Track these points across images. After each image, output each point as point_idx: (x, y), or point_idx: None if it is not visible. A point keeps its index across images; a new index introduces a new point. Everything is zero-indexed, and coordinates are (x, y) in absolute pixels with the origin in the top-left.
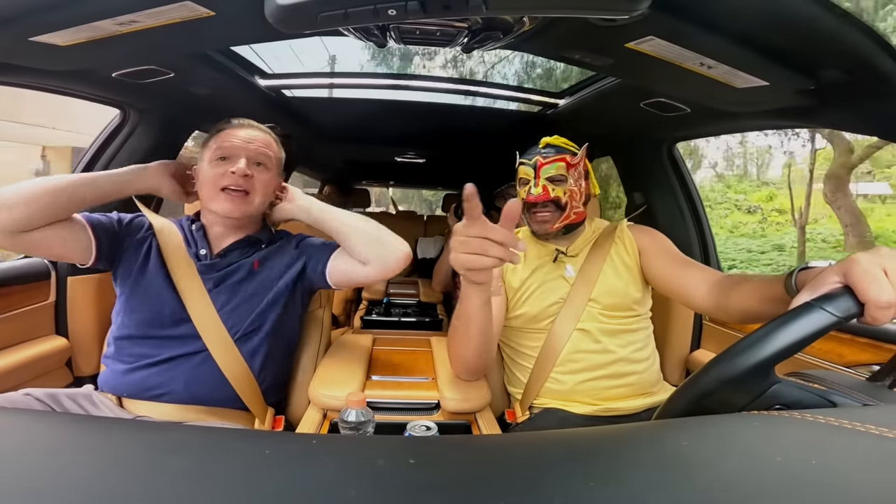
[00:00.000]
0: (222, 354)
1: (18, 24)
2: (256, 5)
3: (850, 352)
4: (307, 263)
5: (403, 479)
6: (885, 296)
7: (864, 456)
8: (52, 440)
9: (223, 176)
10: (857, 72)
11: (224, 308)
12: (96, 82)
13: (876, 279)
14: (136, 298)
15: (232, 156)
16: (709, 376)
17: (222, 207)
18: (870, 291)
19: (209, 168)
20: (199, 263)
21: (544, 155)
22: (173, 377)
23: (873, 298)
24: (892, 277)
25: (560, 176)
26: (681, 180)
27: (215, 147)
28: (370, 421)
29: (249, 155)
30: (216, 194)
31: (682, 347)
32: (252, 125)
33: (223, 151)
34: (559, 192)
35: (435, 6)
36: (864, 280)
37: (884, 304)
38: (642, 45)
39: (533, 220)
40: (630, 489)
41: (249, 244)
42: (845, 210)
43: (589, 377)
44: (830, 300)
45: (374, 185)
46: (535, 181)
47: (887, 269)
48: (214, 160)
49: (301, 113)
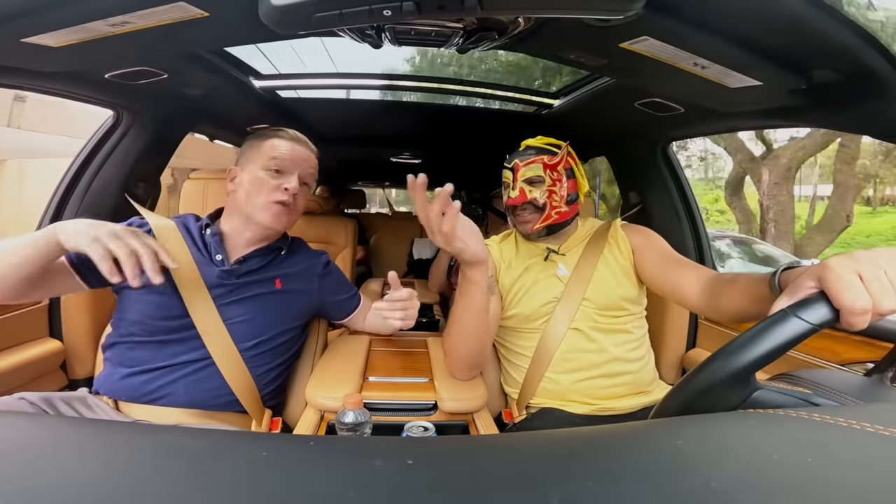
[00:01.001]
0: (227, 363)
1: (10, 25)
2: (250, 6)
3: (846, 349)
4: (329, 306)
5: (401, 479)
6: (860, 302)
7: (860, 454)
8: (47, 443)
9: (276, 190)
10: (850, 71)
11: (236, 318)
12: (89, 83)
13: (850, 285)
14: (136, 303)
15: (287, 171)
16: (687, 388)
17: (269, 220)
18: (844, 298)
19: (264, 176)
20: (218, 269)
21: (522, 158)
22: (174, 382)
23: (847, 305)
24: (868, 283)
25: (537, 177)
26: (675, 180)
27: (271, 157)
28: (367, 422)
29: (301, 173)
30: (267, 205)
31: (678, 346)
32: (305, 142)
33: (279, 164)
34: (536, 194)
35: (430, 6)
36: (837, 286)
37: (858, 311)
38: (636, 46)
39: (516, 222)
40: (626, 488)
41: (269, 251)
42: (739, 210)
43: (584, 376)
44: (805, 307)
45: (370, 186)
46: (514, 184)
47: (862, 274)
48: (269, 170)
49: (295, 114)
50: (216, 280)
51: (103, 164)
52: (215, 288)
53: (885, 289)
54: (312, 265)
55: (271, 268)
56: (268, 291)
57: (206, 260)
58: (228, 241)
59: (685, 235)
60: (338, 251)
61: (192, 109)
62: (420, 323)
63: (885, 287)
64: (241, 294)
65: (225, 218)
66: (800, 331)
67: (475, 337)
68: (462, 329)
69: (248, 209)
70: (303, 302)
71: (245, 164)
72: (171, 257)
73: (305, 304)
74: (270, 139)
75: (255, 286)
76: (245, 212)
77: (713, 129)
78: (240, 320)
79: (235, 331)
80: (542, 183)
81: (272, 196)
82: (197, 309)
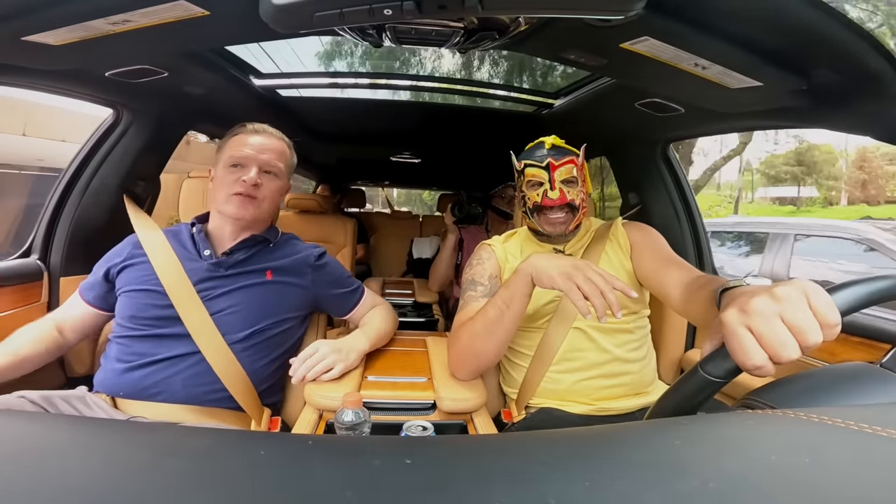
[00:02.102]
0: (215, 357)
1: (11, 23)
2: (251, 5)
3: (843, 350)
4: (327, 299)
5: (400, 479)
6: (751, 360)
7: (857, 454)
8: (47, 442)
9: (235, 183)
10: (850, 72)
11: (226, 310)
12: (89, 82)
13: (741, 342)
14: (130, 299)
15: (244, 164)
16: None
17: (232, 211)
18: (737, 356)
19: (224, 173)
20: (206, 263)
21: (556, 157)
22: (170, 377)
23: (740, 363)
24: (759, 337)
25: (572, 178)
26: (675, 180)
27: (229, 154)
28: (366, 421)
29: (261, 164)
30: (228, 198)
31: (677, 347)
32: (266, 132)
33: (235, 160)
34: (573, 195)
35: (430, 6)
36: (730, 343)
37: (751, 368)
38: (637, 46)
39: (546, 222)
40: (624, 488)
41: (256, 243)
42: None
43: (584, 376)
44: (711, 363)
45: (370, 185)
46: (552, 184)
47: (752, 328)
48: (228, 166)
49: (295, 112)
50: (205, 274)
51: (102, 163)
52: (204, 282)
53: (780, 341)
54: (305, 257)
55: (260, 259)
56: (257, 282)
57: (194, 256)
58: (214, 237)
59: (685, 236)
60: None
61: (192, 108)
62: (419, 322)
63: (779, 339)
64: (230, 286)
65: (210, 217)
66: (709, 384)
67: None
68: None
69: (217, 205)
70: (296, 293)
71: (216, 163)
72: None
73: (299, 295)
74: (235, 136)
75: (244, 277)
76: (217, 208)
77: (713, 130)
78: (230, 312)
79: (225, 322)
80: (576, 184)
81: (231, 189)
82: (181, 303)
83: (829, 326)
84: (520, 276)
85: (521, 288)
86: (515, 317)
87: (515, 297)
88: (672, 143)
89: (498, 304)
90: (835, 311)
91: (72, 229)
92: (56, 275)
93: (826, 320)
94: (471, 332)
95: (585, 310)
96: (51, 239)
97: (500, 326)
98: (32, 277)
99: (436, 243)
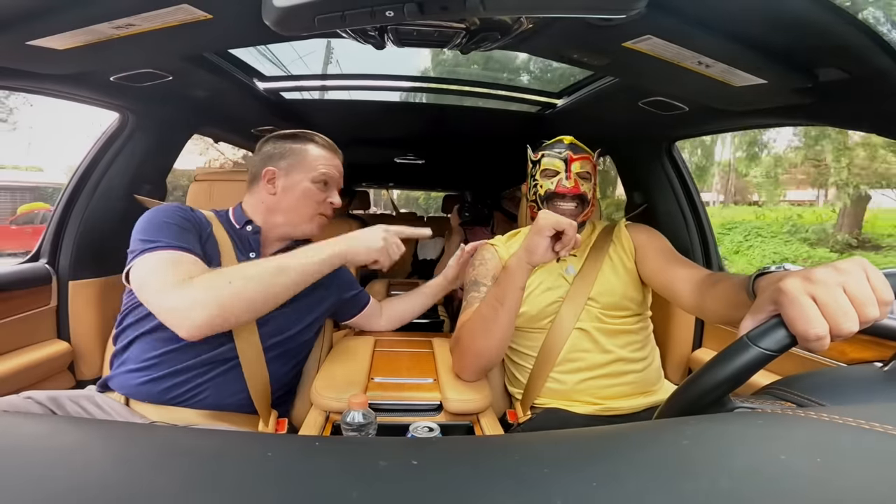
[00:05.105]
0: (251, 362)
1: (16, 28)
2: (254, 8)
3: (853, 349)
4: (341, 303)
5: (406, 480)
6: (813, 329)
7: (868, 454)
8: (53, 444)
9: (322, 203)
10: (855, 69)
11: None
12: (94, 86)
13: (803, 310)
14: None
15: (332, 184)
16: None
17: (314, 231)
18: (797, 325)
19: (313, 189)
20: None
21: (575, 151)
22: (202, 385)
23: (801, 333)
24: (823, 306)
25: (587, 173)
26: (680, 179)
27: (319, 171)
28: (372, 423)
29: (339, 187)
30: (312, 217)
31: (684, 346)
32: (338, 150)
33: (328, 178)
34: (585, 188)
35: (432, 7)
36: (790, 312)
37: (812, 338)
38: (640, 45)
39: (555, 211)
40: (632, 489)
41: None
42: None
43: (588, 376)
44: (762, 334)
45: (374, 186)
46: (567, 174)
47: (815, 297)
48: (319, 182)
49: (299, 115)
50: None
51: (109, 167)
52: None
53: (843, 311)
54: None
55: None
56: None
57: (241, 256)
58: (263, 240)
59: (691, 235)
60: None
61: (197, 111)
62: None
63: (842, 309)
64: None
65: (259, 216)
66: (758, 358)
67: (502, 335)
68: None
69: (293, 217)
70: (323, 298)
71: (288, 170)
72: (225, 253)
73: (325, 300)
74: (310, 147)
75: None
76: (288, 218)
77: (718, 128)
78: (267, 317)
79: (262, 328)
80: (589, 179)
81: (318, 208)
82: None
83: (885, 303)
84: (510, 269)
85: (514, 281)
86: (511, 312)
87: (508, 291)
88: (677, 141)
89: (492, 302)
90: (889, 288)
91: (80, 233)
92: (65, 279)
93: (882, 296)
94: (470, 332)
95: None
96: (59, 243)
97: (497, 324)
98: (41, 282)
99: (440, 244)
